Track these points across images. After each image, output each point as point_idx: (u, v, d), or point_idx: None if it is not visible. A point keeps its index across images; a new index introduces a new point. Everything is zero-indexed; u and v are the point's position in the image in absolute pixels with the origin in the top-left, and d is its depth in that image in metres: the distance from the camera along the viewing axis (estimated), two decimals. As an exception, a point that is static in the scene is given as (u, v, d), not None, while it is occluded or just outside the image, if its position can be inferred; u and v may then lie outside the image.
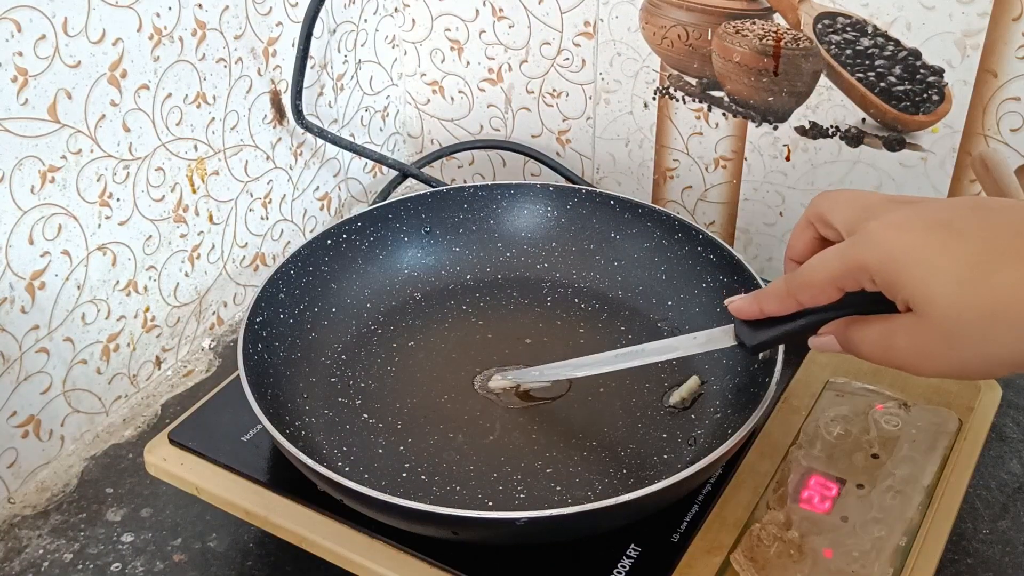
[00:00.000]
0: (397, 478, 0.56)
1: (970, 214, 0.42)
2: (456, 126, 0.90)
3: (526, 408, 0.61)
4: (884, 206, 0.45)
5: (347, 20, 0.81)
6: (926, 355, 0.42)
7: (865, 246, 0.43)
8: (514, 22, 0.82)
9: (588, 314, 0.68)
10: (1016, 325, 0.39)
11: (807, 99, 0.73)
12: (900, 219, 0.42)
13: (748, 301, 0.49)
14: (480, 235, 0.72)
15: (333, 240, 0.68)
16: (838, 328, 0.46)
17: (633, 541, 0.53)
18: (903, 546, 0.52)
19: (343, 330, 0.67)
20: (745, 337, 0.50)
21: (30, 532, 0.61)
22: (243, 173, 0.75)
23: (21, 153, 0.58)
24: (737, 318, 0.50)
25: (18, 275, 0.60)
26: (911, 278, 0.41)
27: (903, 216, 0.43)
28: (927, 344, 0.41)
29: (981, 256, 0.40)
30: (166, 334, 0.73)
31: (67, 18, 0.59)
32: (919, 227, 0.42)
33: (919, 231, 0.41)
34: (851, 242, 0.44)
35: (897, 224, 0.42)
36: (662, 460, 0.57)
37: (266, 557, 0.59)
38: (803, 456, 0.57)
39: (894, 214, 0.43)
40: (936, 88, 0.68)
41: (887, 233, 0.42)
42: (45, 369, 0.64)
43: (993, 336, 0.39)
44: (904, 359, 0.43)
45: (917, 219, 0.42)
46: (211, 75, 0.70)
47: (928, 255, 0.41)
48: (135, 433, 0.69)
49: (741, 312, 0.50)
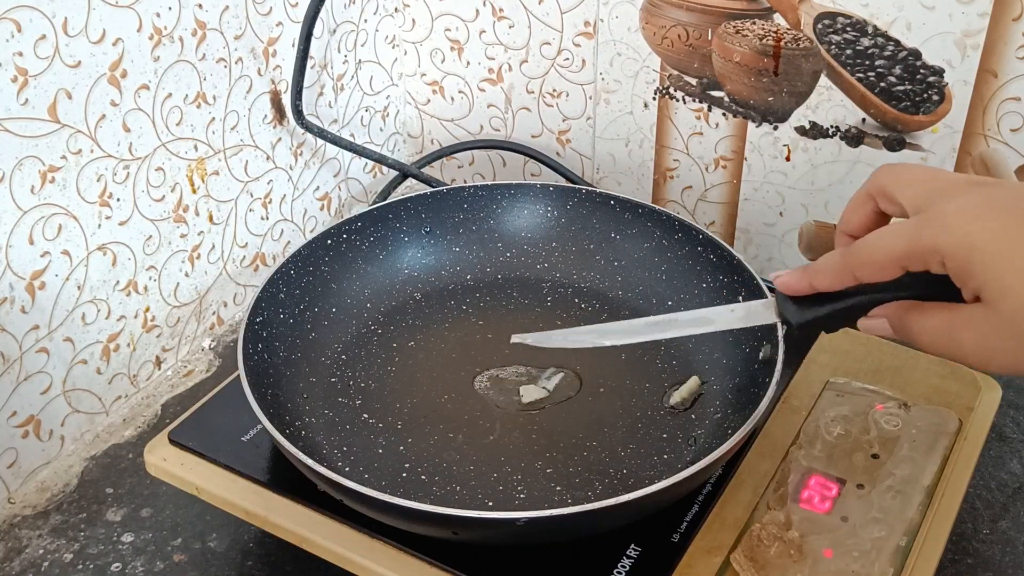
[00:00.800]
0: (397, 478, 0.56)
1: None
2: (456, 126, 0.90)
3: (526, 408, 0.61)
4: (958, 187, 0.42)
5: (347, 20, 0.81)
6: (993, 350, 0.40)
7: (940, 228, 0.40)
8: (514, 22, 0.82)
9: (588, 314, 0.68)
10: None
11: (807, 99, 0.73)
12: (979, 203, 0.40)
13: (797, 276, 0.46)
14: (480, 235, 0.72)
15: (333, 240, 0.68)
16: (894, 312, 0.44)
17: (633, 541, 0.53)
18: (903, 546, 0.52)
19: (343, 330, 0.67)
20: (790, 315, 0.47)
21: (30, 532, 0.61)
22: (243, 173, 0.75)
23: (21, 153, 0.58)
24: (782, 293, 0.47)
25: (18, 275, 0.60)
26: (986, 268, 0.39)
27: (982, 200, 0.41)
28: (996, 339, 0.40)
29: None
30: (166, 334, 0.73)
31: (67, 18, 0.59)
32: (1000, 215, 0.40)
33: (1000, 219, 0.40)
34: (922, 221, 0.42)
35: (976, 209, 0.40)
36: (662, 460, 0.57)
37: (266, 557, 0.59)
38: (803, 456, 0.57)
39: (972, 196, 0.41)
40: (936, 88, 0.68)
41: (965, 217, 0.40)
42: (45, 369, 0.64)
43: None
44: (969, 352, 0.41)
45: (998, 206, 0.40)
46: (211, 75, 0.70)
47: (1007, 246, 0.39)
48: (135, 433, 0.69)
49: (789, 287, 0.47)
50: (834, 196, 0.75)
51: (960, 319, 0.41)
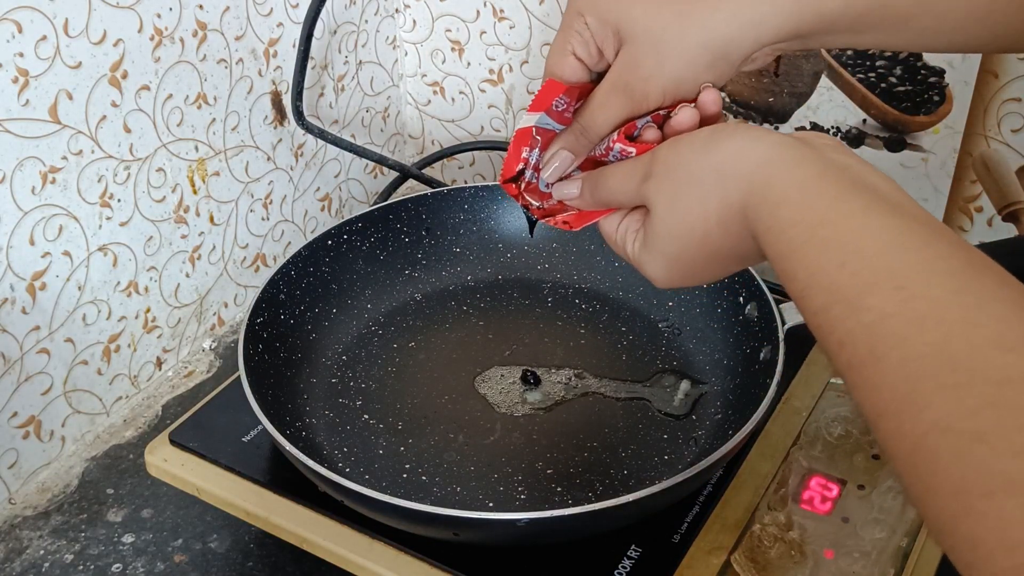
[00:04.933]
0: (398, 479, 0.56)
1: None
2: (457, 127, 0.90)
3: (527, 409, 0.61)
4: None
5: (348, 21, 0.81)
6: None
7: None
8: (515, 23, 0.82)
9: (589, 315, 0.68)
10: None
11: (808, 100, 0.73)
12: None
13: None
14: (480, 236, 0.72)
15: (334, 241, 0.68)
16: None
17: (634, 542, 0.53)
18: (904, 547, 0.52)
19: (344, 331, 0.67)
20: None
21: (31, 533, 0.61)
22: (244, 174, 0.75)
23: (22, 154, 0.58)
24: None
25: (19, 276, 0.60)
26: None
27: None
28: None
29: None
30: (167, 335, 0.73)
31: (68, 19, 0.59)
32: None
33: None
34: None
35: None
36: (663, 461, 0.57)
37: (267, 558, 0.59)
38: (804, 457, 0.57)
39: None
40: (937, 89, 0.68)
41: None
42: (46, 370, 0.64)
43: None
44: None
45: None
46: (212, 76, 0.70)
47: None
48: (136, 434, 0.69)
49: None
50: (835, 197, 0.74)
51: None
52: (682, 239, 0.42)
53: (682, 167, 0.42)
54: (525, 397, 0.62)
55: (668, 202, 0.42)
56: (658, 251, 0.43)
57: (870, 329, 0.31)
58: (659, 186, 0.42)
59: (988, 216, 0.70)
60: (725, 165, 0.40)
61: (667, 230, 0.42)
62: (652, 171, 0.43)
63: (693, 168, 0.41)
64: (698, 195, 0.41)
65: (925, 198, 0.71)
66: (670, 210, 0.42)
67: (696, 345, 0.64)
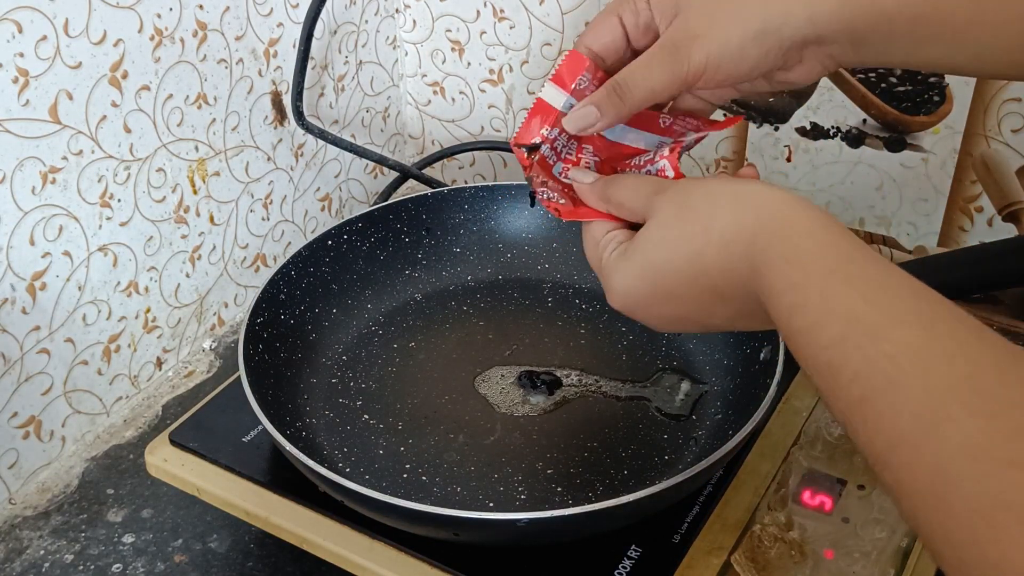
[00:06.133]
0: (398, 479, 0.56)
1: None
2: (457, 127, 0.90)
3: (527, 409, 0.61)
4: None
5: (348, 21, 0.81)
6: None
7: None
8: (515, 23, 0.82)
9: (589, 315, 0.68)
10: None
11: (808, 100, 0.72)
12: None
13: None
14: (481, 236, 0.72)
15: (334, 241, 0.68)
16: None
17: (634, 542, 0.53)
18: (904, 547, 0.52)
19: (344, 331, 0.67)
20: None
21: (31, 533, 0.62)
22: (244, 174, 0.75)
23: (22, 154, 0.59)
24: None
25: (19, 276, 0.60)
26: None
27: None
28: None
29: None
30: (167, 335, 0.73)
31: (68, 19, 0.59)
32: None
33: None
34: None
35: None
36: (663, 461, 0.57)
37: (267, 558, 0.59)
38: (804, 457, 0.57)
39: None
40: (937, 89, 0.68)
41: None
42: (46, 370, 0.64)
43: None
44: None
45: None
46: (212, 76, 0.70)
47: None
48: (136, 434, 0.69)
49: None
50: (835, 197, 0.75)
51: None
52: (672, 248, 0.41)
53: (700, 186, 0.41)
54: (525, 397, 0.62)
55: (673, 210, 0.41)
56: (637, 259, 0.42)
57: (893, 359, 0.31)
58: (670, 198, 0.42)
59: (988, 216, 0.70)
60: (746, 193, 0.39)
61: (660, 235, 0.41)
62: (668, 187, 0.43)
63: (711, 187, 0.41)
64: (708, 210, 0.40)
65: (925, 198, 0.71)
66: (672, 216, 0.41)
67: (696, 345, 0.64)
